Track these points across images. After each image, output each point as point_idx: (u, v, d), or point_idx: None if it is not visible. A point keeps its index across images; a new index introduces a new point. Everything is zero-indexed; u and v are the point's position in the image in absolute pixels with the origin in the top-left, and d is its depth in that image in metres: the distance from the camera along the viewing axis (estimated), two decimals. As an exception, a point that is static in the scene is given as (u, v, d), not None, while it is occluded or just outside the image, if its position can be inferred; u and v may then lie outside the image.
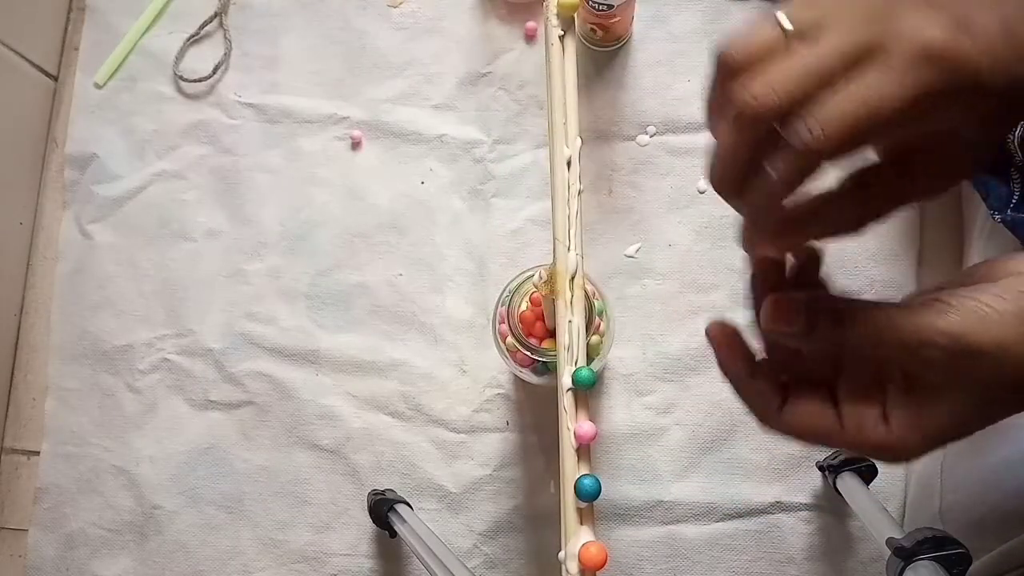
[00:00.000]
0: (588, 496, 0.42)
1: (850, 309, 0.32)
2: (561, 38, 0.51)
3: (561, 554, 0.42)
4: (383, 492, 0.65)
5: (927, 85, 0.28)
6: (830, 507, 0.64)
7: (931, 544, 0.45)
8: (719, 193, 0.32)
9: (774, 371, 0.35)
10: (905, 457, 0.33)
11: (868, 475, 0.59)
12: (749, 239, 0.34)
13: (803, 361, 0.35)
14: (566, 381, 0.45)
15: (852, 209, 0.32)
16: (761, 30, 0.30)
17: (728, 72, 0.31)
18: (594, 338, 0.55)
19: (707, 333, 0.35)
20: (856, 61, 0.29)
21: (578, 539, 0.42)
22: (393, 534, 0.62)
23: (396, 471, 0.67)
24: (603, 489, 0.42)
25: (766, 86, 0.29)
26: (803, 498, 0.64)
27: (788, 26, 0.30)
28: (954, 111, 0.29)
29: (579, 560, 0.41)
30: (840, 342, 0.33)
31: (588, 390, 0.45)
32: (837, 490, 0.60)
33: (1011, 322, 0.31)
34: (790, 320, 0.33)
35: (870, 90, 0.28)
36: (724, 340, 0.35)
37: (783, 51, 0.30)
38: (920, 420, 0.32)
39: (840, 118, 0.28)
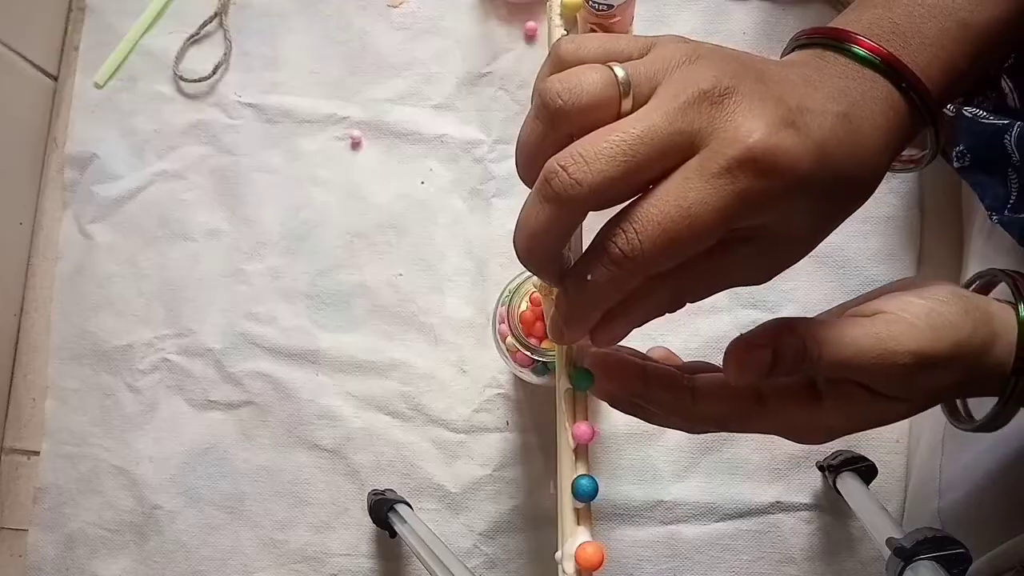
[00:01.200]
0: (585, 496, 0.42)
1: (813, 343, 0.32)
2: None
3: (558, 554, 0.42)
4: (383, 492, 0.65)
5: (745, 192, 0.27)
6: (830, 507, 0.64)
7: (931, 544, 0.45)
8: (527, 264, 0.31)
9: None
10: (825, 439, 0.33)
11: (868, 475, 0.60)
12: (556, 329, 0.33)
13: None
14: (565, 382, 0.45)
15: (666, 293, 0.31)
16: (593, 76, 0.28)
17: (550, 118, 0.29)
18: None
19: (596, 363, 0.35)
20: (676, 150, 0.27)
21: (575, 539, 0.42)
22: (393, 534, 0.62)
23: (396, 471, 0.67)
24: (603, 489, 0.42)
25: (583, 165, 0.28)
26: (803, 498, 0.64)
27: (621, 75, 0.28)
28: (778, 209, 0.29)
29: (576, 560, 0.41)
30: (809, 372, 0.32)
31: (588, 391, 0.45)
32: (837, 490, 0.60)
33: (965, 326, 0.32)
34: (760, 369, 0.32)
35: (687, 197, 0.27)
36: (611, 368, 0.35)
37: (609, 109, 0.28)
38: (858, 415, 0.33)
39: (658, 228, 0.27)
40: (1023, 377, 0.33)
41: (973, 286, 0.40)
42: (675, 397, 0.35)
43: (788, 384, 0.34)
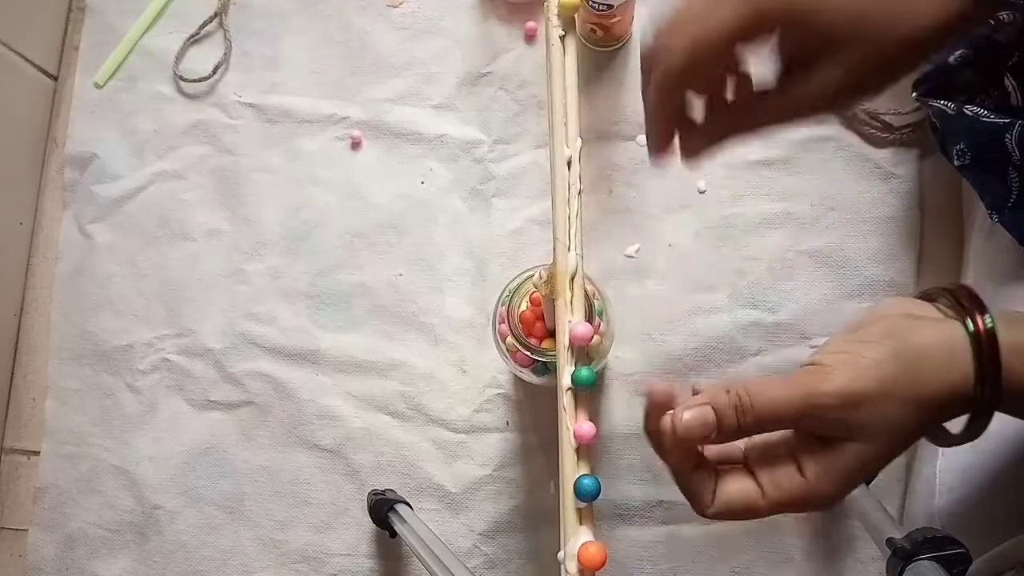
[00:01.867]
0: (588, 496, 0.42)
1: (746, 394, 0.36)
2: (562, 38, 0.51)
3: (560, 554, 0.42)
4: (383, 492, 0.65)
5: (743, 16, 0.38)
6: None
7: (931, 544, 0.45)
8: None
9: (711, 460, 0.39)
10: (826, 503, 0.37)
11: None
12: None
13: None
14: (566, 381, 0.45)
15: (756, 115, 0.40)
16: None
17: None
18: (594, 338, 0.55)
19: (659, 426, 0.38)
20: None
21: (577, 539, 0.42)
22: (393, 534, 0.62)
23: (396, 471, 0.67)
24: (603, 489, 0.42)
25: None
26: (803, 498, 0.64)
27: None
28: (784, 38, 0.38)
29: (578, 560, 0.41)
30: (746, 426, 0.36)
31: (588, 390, 0.45)
32: (837, 490, 0.60)
33: (888, 364, 0.35)
34: (703, 422, 0.36)
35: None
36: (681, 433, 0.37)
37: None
38: (831, 466, 0.36)
39: None
40: (987, 385, 0.35)
41: None
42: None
43: (770, 456, 0.38)
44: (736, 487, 0.37)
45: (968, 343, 0.36)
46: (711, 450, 0.39)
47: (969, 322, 0.36)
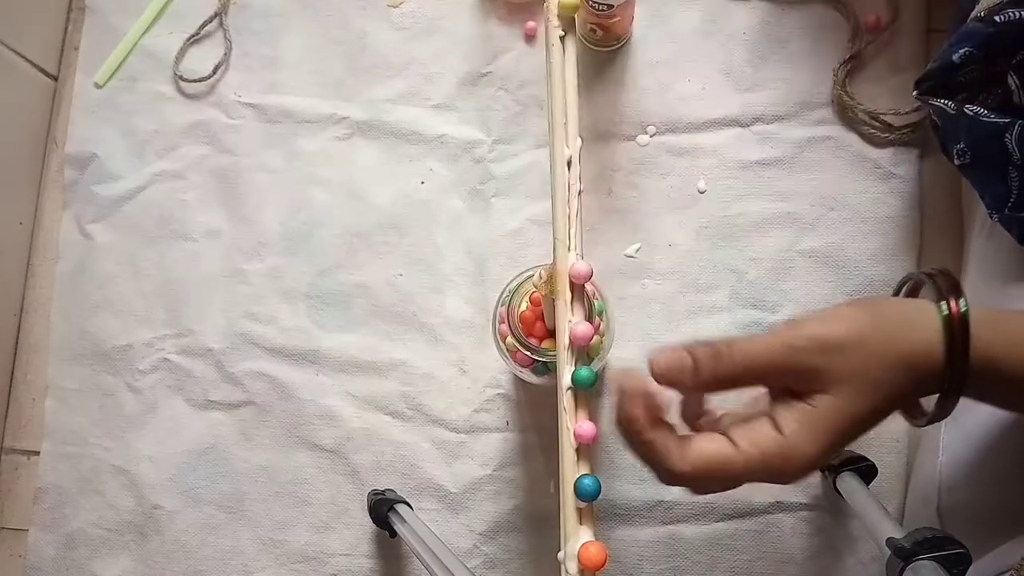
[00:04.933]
0: (588, 496, 0.42)
1: (724, 345, 0.37)
2: (562, 38, 0.51)
3: (560, 554, 0.42)
4: (383, 492, 0.65)
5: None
6: (830, 507, 0.64)
7: (931, 544, 0.45)
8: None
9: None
10: (803, 463, 0.36)
11: (868, 475, 0.59)
12: None
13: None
14: (566, 381, 0.45)
15: None
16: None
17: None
18: (594, 338, 0.55)
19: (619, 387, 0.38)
20: None
21: (577, 539, 0.42)
22: (393, 534, 0.62)
23: (396, 471, 0.67)
24: (603, 489, 0.42)
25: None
26: (803, 498, 0.64)
27: None
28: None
29: (579, 560, 0.41)
30: (722, 373, 0.37)
31: (588, 390, 0.45)
32: (837, 490, 0.60)
33: (862, 316, 0.37)
34: (680, 364, 0.37)
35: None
36: (632, 390, 0.38)
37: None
38: (806, 419, 0.36)
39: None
40: (955, 368, 0.37)
41: (902, 291, 0.44)
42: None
43: (746, 419, 0.38)
44: (709, 444, 0.37)
45: (937, 313, 0.37)
46: (686, 417, 0.40)
47: (944, 304, 0.37)
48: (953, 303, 0.37)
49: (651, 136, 0.69)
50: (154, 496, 0.68)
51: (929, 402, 0.39)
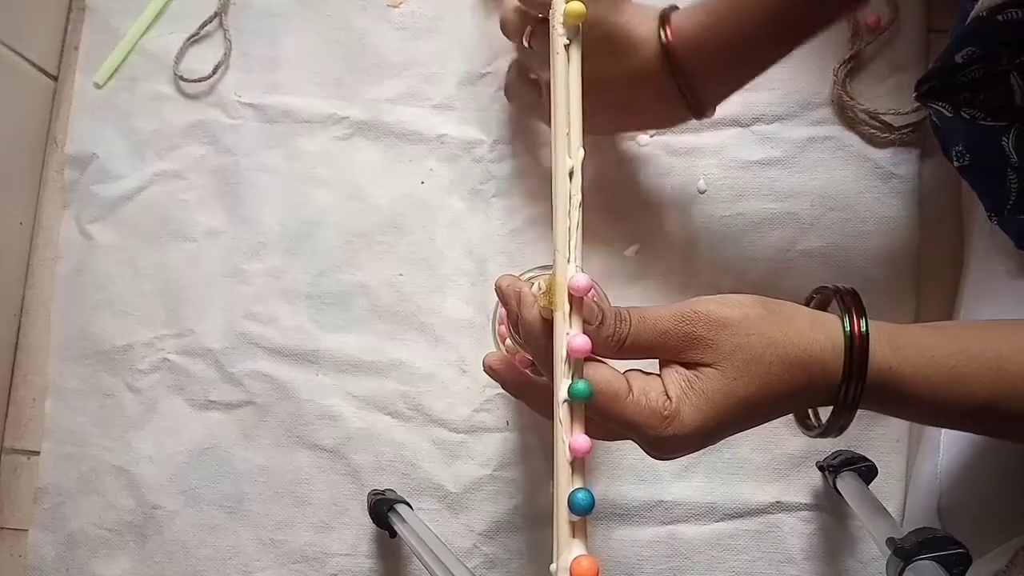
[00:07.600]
0: (581, 510, 0.42)
1: (628, 313, 0.39)
2: (567, 47, 0.51)
3: (553, 566, 0.42)
4: (383, 492, 0.65)
5: None
6: (830, 507, 0.64)
7: (931, 544, 0.45)
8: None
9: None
10: (684, 434, 0.38)
11: (868, 475, 0.60)
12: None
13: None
14: (562, 394, 0.45)
15: None
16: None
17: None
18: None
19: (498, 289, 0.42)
20: None
21: (570, 552, 0.42)
22: (393, 534, 0.62)
23: (396, 471, 0.67)
24: (603, 489, 0.42)
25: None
26: (803, 498, 0.64)
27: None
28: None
29: (571, 574, 0.41)
30: (620, 341, 0.39)
31: (585, 402, 0.45)
32: (837, 490, 0.60)
33: (756, 304, 0.39)
34: (589, 310, 0.39)
35: None
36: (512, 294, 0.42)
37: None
38: (691, 385, 0.38)
39: None
40: (851, 384, 0.38)
41: (812, 302, 0.45)
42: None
43: (642, 373, 0.40)
44: (609, 371, 0.39)
45: (839, 326, 0.39)
46: None
47: (847, 320, 0.39)
48: (856, 321, 0.38)
49: (651, 136, 0.69)
50: (154, 496, 0.68)
51: (824, 412, 0.41)
